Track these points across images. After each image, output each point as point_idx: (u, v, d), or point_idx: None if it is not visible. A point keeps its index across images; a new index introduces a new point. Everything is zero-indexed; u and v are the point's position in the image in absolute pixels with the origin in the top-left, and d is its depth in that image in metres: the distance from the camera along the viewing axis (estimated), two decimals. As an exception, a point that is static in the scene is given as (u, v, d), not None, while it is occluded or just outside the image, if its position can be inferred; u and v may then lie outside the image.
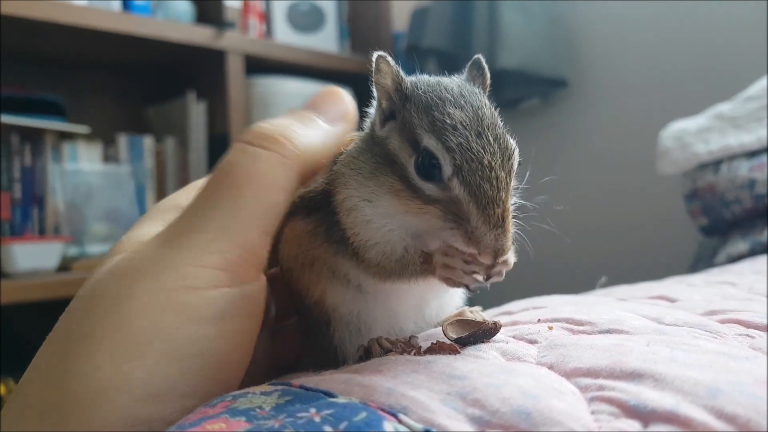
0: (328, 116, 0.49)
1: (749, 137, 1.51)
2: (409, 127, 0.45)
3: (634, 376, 0.35)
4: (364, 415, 0.32)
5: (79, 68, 2.24)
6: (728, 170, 1.51)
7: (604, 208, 2.26)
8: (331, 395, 0.36)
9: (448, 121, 0.43)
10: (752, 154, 1.51)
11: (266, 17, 2.46)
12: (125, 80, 2.38)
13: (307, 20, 2.54)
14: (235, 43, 2.13)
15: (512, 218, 0.43)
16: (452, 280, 0.45)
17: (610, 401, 0.33)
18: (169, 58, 2.19)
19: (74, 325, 0.40)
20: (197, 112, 2.19)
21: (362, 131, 0.52)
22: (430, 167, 0.43)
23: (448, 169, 0.42)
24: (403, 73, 0.47)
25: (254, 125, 0.46)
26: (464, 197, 0.42)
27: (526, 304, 0.65)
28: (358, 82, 2.46)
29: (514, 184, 0.44)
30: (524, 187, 0.48)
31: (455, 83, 0.47)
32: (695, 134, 1.60)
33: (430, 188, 0.43)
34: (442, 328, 0.47)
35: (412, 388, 0.35)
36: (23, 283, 1.65)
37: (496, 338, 0.46)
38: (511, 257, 0.46)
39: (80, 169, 2.00)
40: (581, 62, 2.39)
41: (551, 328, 0.48)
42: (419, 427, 0.31)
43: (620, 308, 0.54)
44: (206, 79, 2.20)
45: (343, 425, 0.31)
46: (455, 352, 0.43)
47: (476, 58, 0.51)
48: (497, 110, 0.47)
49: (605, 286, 0.82)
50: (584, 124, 2.40)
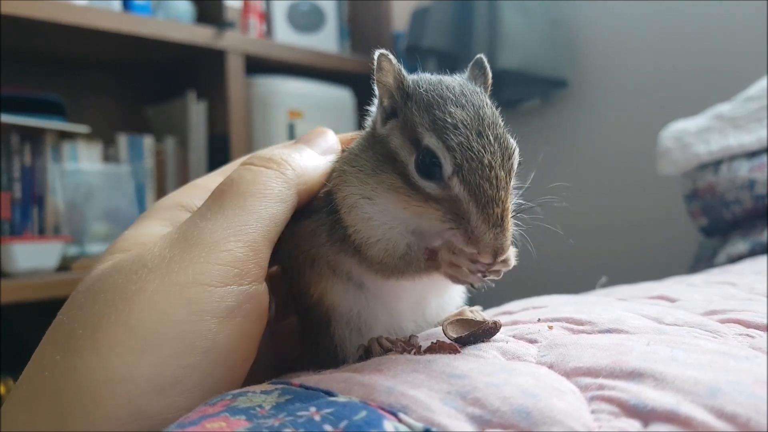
0: (317, 149, 0.54)
1: (749, 138, 1.51)
2: (410, 125, 0.45)
3: (634, 375, 0.35)
4: (364, 414, 0.32)
5: (79, 68, 2.24)
6: (728, 170, 1.51)
7: (604, 208, 2.26)
8: (331, 394, 0.36)
9: (449, 119, 0.43)
10: (752, 154, 1.51)
11: (266, 17, 2.46)
12: (125, 80, 2.38)
13: (307, 20, 2.54)
14: (235, 43, 2.13)
15: (512, 218, 0.43)
16: (457, 278, 0.45)
17: (610, 400, 0.33)
18: (169, 57, 2.19)
19: (78, 319, 0.40)
20: (197, 111, 2.19)
21: (363, 129, 0.53)
22: (430, 166, 0.43)
23: (448, 167, 0.42)
24: (404, 71, 0.47)
25: (254, 153, 0.51)
26: (464, 196, 0.42)
27: (526, 303, 0.65)
28: (358, 82, 2.47)
29: (514, 183, 0.44)
30: (525, 186, 0.48)
31: (457, 82, 0.47)
32: (695, 134, 1.60)
33: (430, 187, 0.43)
34: (442, 327, 0.47)
35: (412, 387, 0.35)
36: (23, 282, 1.65)
37: (496, 338, 0.46)
38: (512, 257, 0.46)
39: (80, 168, 2.00)
40: (581, 63, 2.39)
41: (551, 327, 0.48)
42: (419, 426, 0.31)
43: (620, 308, 0.54)
44: (206, 79, 2.20)
45: (343, 424, 0.31)
46: (455, 351, 0.43)
47: (478, 57, 0.51)
48: (498, 110, 0.47)
49: (605, 286, 0.81)
50: (584, 124, 2.40)
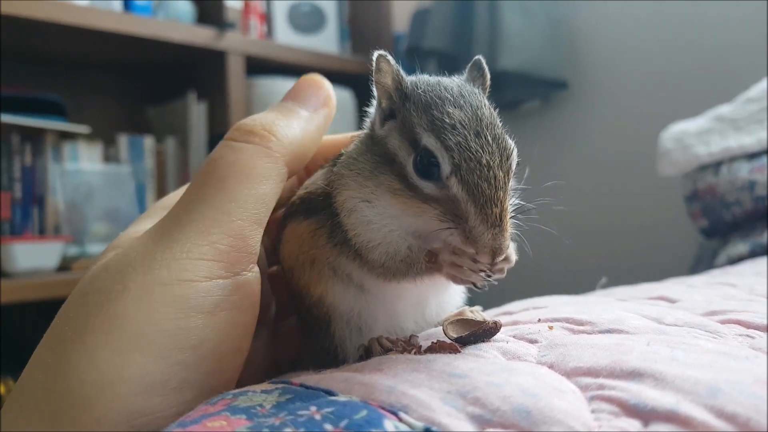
0: (308, 104, 0.50)
1: (749, 139, 1.51)
2: (408, 126, 0.45)
3: (634, 375, 0.35)
4: (364, 413, 0.32)
5: (80, 68, 2.24)
6: (728, 172, 1.51)
7: (604, 209, 2.26)
8: (331, 393, 0.36)
9: (447, 120, 0.43)
10: (752, 155, 1.51)
11: (267, 18, 2.46)
12: (126, 80, 2.38)
13: (307, 21, 2.54)
14: (235, 43, 2.13)
15: (511, 218, 0.43)
16: (460, 278, 0.45)
17: (610, 400, 0.33)
18: (169, 58, 2.20)
19: (69, 321, 0.40)
20: (198, 112, 2.19)
21: (362, 131, 0.53)
22: (428, 166, 0.43)
23: (446, 167, 0.42)
24: (403, 72, 0.47)
25: (238, 123, 0.48)
26: (462, 196, 0.42)
27: (526, 304, 0.65)
28: (358, 83, 2.47)
29: (512, 184, 0.44)
30: (525, 187, 0.48)
31: (455, 83, 0.47)
32: (696, 136, 1.60)
33: (428, 187, 0.43)
34: (442, 327, 0.47)
35: (412, 386, 0.35)
36: (23, 282, 1.65)
37: (496, 338, 0.46)
38: (512, 255, 0.46)
39: (81, 168, 2.00)
40: (581, 64, 2.39)
41: (551, 327, 0.48)
42: (420, 425, 0.31)
43: (620, 308, 0.54)
44: (207, 79, 2.20)
45: (343, 423, 0.31)
46: (455, 351, 0.43)
47: (477, 59, 0.51)
48: (497, 111, 0.47)
49: (605, 287, 0.81)
50: (584, 125, 2.40)
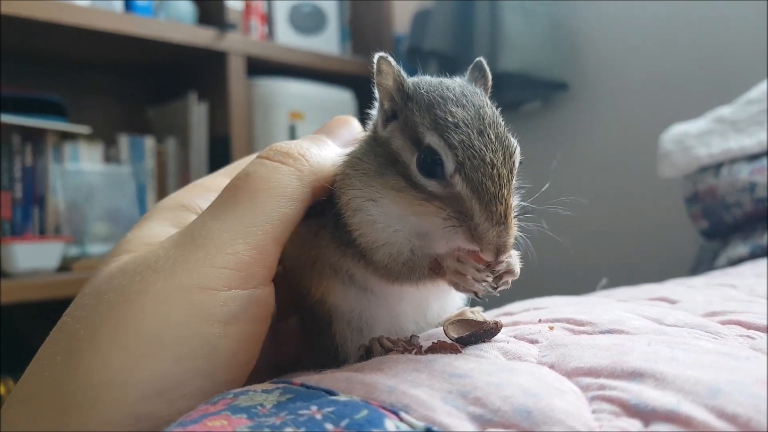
0: (339, 140, 0.52)
1: (750, 141, 1.51)
2: (411, 125, 0.45)
3: (635, 375, 0.35)
4: (365, 412, 0.32)
5: (80, 68, 2.24)
6: (729, 173, 1.51)
7: (604, 210, 2.26)
8: (332, 393, 0.36)
9: (450, 119, 0.43)
10: (753, 157, 1.50)
11: (268, 19, 2.46)
12: (127, 81, 2.38)
13: (308, 22, 2.54)
14: (236, 44, 2.14)
15: (515, 217, 0.43)
16: (462, 286, 0.45)
17: (611, 400, 0.33)
18: (170, 59, 2.20)
19: (81, 320, 0.40)
20: (198, 113, 2.19)
21: (365, 133, 0.53)
22: (432, 164, 0.43)
23: (450, 165, 0.42)
24: (404, 72, 0.47)
25: (273, 144, 0.49)
26: (466, 194, 0.42)
27: (527, 304, 0.65)
28: (359, 84, 2.47)
29: (515, 183, 0.44)
30: (527, 186, 0.48)
31: (457, 83, 0.47)
32: (696, 137, 1.60)
33: (432, 185, 0.43)
34: (443, 327, 0.47)
35: (413, 386, 0.35)
36: (24, 282, 1.65)
37: (497, 338, 0.46)
38: (516, 267, 0.46)
39: (81, 169, 2.01)
40: (582, 65, 2.39)
41: (552, 328, 0.48)
42: (420, 425, 0.31)
43: (621, 309, 0.54)
44: (208, 80, 2.20)
45: (344, 423, 0.31)
46: (456, 351, 0.43)
47: (478, 60, 0.52)
48: (498, 111, 0.47)
49: (606, 287, 0.82)
50: (585, 127, 2.40)
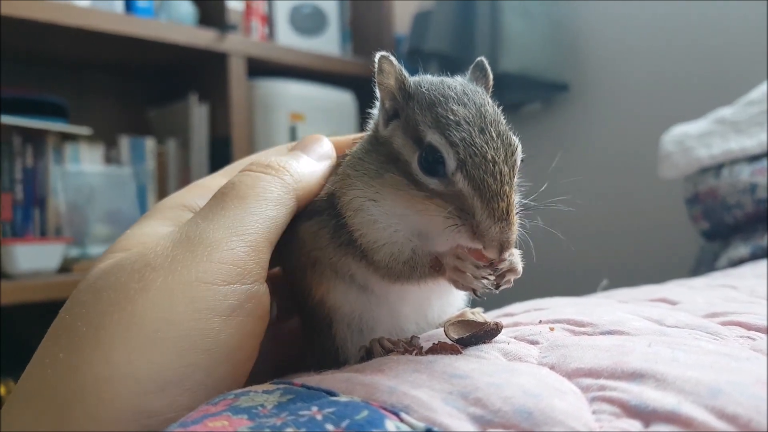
0: (313, 155, 0.55)
1: (751, 141, 1.51)
2: (412, 124, 0.45)
3: (635, 376, 0.35)
4: (365, 413, 0.32)
5: (81, 70, 2.24)
6: (730, 174, 1.51)
7: (605, 211, 2.26)
8: (332, 394, 0.36)
9: (451, 117, 0.43)
10: (753, 158, 1.50)
11: (269, 20, 2.46)
12: (127, 82, 2.38)
13: (309, 23, 2.55)
14: (237, 45, 2.14)
15: (516, 215, 0.43)
16: (462, 283, 0.45)
17: (611, 401, 0.33)
18: (171, 60, 2.20)
19: (81, 316, 0.41)
20: (199, 114, 2.19)
21: (366, 132, 0.53)
22: (433, 162, 0.43)
23: (451, 163, 0.42)
24: (405, 71, 0.47)
25: (253, 160, 0.53)
26: (468, 191, 0.42)
27: (527, 305, 0.65)
28: (360, 85, 2.47)
29: (517, 181, 0.44)
30: (528, 184, 0.48)
31: (458, 82, 0.47)
32: (697, 138, 1.60)
33: (434, 183, 0.43)
34: (443, 328, 0.47)
35: (413, 387, 0.35)
36: (24, 283, 1.65)
37: (497, 339, 0.46)
38: (519, 265, 0.46)
39: (82, 170, 2.01)
40: (583, 66, 2.39)
41: (553, 329, 0.48)
42: (421, 425, 0.31)
43: (621, 310, 0.54)
44: (208, 81, 2.20)
45: (344, 423, 0.31)
46: (457, 352, 0.43)
47: (479, 60, 0.52)
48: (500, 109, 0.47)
49: (606, 288, 0.82)
50: (586, 128, 2.40)
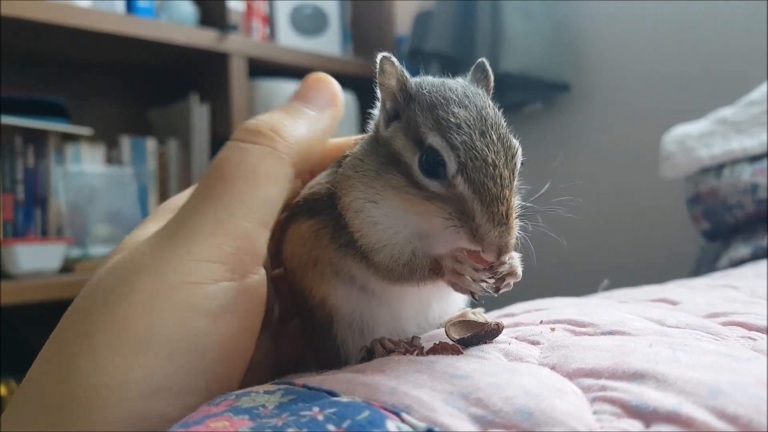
0: (315, 104, 0.50)
1: (752, 142, 1.51)
2: (413, 126, 0.45)
3: (636, 376, 0.35)
4: (367, 413, 0.32)
5: (82, 70, 2.25)
6: (731, 175, 1.51)
7: (606, 211, 2.26)
8: (333, 394, 0.36)
9: (452, 119, 0.43)
10: (754, 158, 1.50)
11: (269, 20, 2.47)
12: (128, 82, 2.39)
13: (310, 23, 2.55)
14: (238, 45, 2.14)
15: (516, 218, 0.43)
16: (460, 286, 0.45)
17: (612, 401, 0.33)
18: (172, 60, 2.20)
19: (75, 324, 0.40)
20: (200, 114, 2.20)
21: (367, 133, 0.53)
22: (434, 165, 0.43)
23: (452, 166, 0.42)
24: (407, 73, 0.47)
25: (244, 122, 0.47)
26: (468, 194, 0.42)
27: (528, 306, 0.65)
28: (360, 85, 2.47)
29: (517, 183, 0.44)
30: (528, 187, 0.48)
31: (459, 84, 0.47)
32: (698, 138, 1.60)
33: (434, 185, 0.43)
34: (444, 329, 0.47)
35: (414, 387, 0.35)
36: (25, 284, 1.65)
37: (498, 339, 0.46)
38: (519, 269, 0.46)
39: (83, 170, 2.01)
40: (584, 66, 2.39)
41: (553, 329, 0.48)
42: (422, 426, 0.31)
43: (622, 310, 0.54)
44: (209, 81, 2.20)
45: (346, 424, 0.31)
46: (458, 352, 0.43)
47: (480, 61, 0.52)
48: (500, 112, 0.47)
49: (607, 289, 0.82)
50: (587, 128, 2.40)
